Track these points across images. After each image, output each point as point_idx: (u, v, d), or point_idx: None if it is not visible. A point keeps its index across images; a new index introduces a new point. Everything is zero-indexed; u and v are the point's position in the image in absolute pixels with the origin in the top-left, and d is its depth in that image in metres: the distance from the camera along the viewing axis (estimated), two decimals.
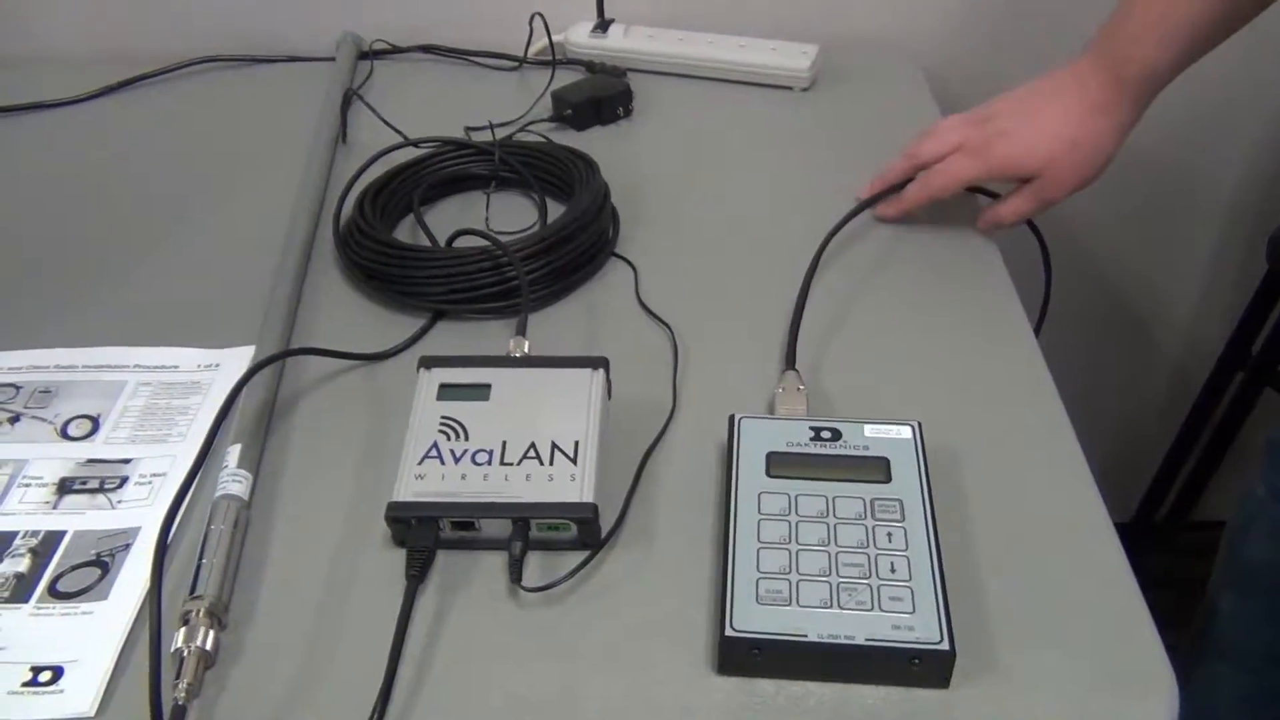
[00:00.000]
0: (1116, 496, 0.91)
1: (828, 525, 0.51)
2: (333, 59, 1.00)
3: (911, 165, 0.75)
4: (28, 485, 0.59)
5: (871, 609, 0.47)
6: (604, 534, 0.54)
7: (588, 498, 0.54)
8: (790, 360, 0.64)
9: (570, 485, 0.54)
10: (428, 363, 0.61)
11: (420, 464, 0.55)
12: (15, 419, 0.63)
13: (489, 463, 0.55)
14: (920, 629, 0.46)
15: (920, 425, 0.56)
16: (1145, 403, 1.37)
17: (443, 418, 0.58)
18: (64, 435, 0.62)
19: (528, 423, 0.57)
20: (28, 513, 0.57)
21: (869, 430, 0.56)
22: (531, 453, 0.56)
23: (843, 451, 0.55)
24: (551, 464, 0.55)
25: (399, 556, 0.53)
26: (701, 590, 0.52)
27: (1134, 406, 1.37)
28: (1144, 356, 1.33)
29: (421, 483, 0.54)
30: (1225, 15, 0.67)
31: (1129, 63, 0.69)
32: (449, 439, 0.57)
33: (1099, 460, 0.59)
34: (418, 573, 0.52)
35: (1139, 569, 0.53)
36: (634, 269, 0.73)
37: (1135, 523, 1.48)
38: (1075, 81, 0.71)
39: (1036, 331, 0.69)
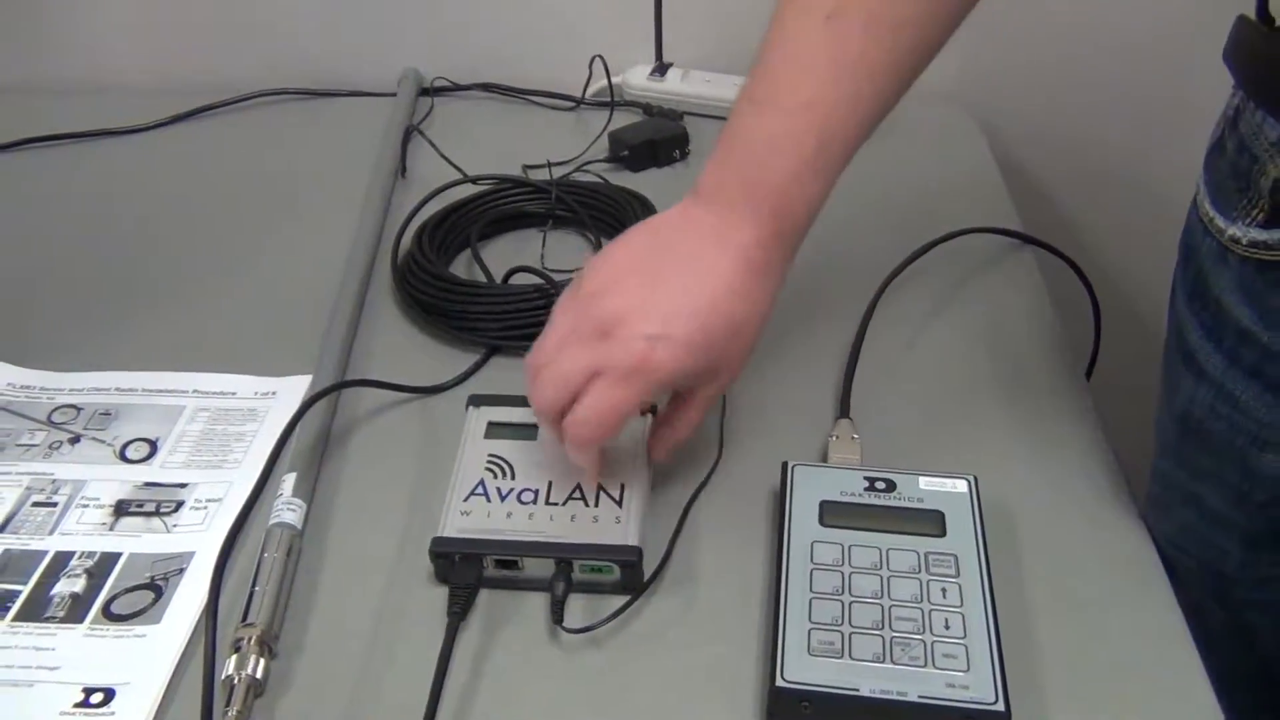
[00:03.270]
0: None
1: (881, 578, 0.50)
2: (394, 95, 1.02)
3: (552, 426, 0.54)
4: (85, 506, 0.60)
5: (925, 665, 0.47)
6: (647, 577, 0.54)
7: (632, 541, 0.53)
8: (844, 408, 0.63)
9: (615, 527, 0.54)
10: (477, 401, 0.62)
11: (466, 500, 0.56)
12: (75, 440, 0.64)
13: (534, 502, 0.55)
14: (975, 688, 0.46)
15: (976, 480, 0.55)
16: None
17: (490, 456, 0.58)
18: (122, 458, 0.63)
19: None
20: (85, 533, 0.58)
21: (924, 483, 0.55)
22: (577, 494, 0.56)
23: (897, 503, 0.54)
24: (597, 505, 0.55)
25: (444, 592, 0.53)
26: (747, 638, 0.52)
27: None
28: None
29: (466, 519, 0.55)
30: (875, 119, 0.55)
31: (791, 206, 0.54)
32: (495, 477, 0.57)
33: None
34: (460, 610, 0.52)
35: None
36: None
37: None
38: (718, 238, 0.54)
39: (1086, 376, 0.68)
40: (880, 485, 0.55)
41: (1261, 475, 0.53)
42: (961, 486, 0.55)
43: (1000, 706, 0.45)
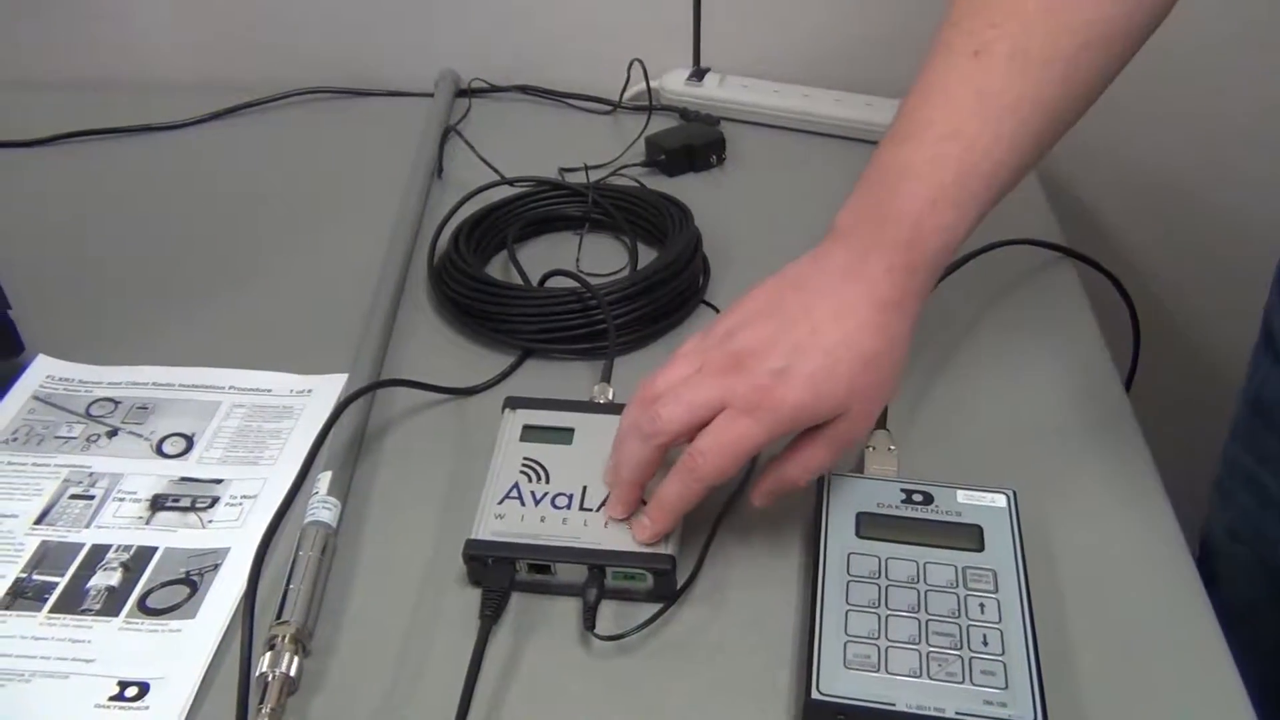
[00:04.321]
0: None
1: (918, 591, 0.50)
2: (432, 95, 1.02)
3: (656, 449, 0.52)
4: (122, 500, 0.60)
5: (963, 682, 0.46)
6: (680, 585, 0.54)
7: (666, 549, 0.53)
8: (882, 419, 0.63)
9: None
10: (513, 403, 0.61)
11: (500, 504, 0.55)
12: (113, 433, 0.65)
13: (568, 507, 0.55)
14: (1014, 706, 0.45)
15: (1015, 494, 0.55)
16: None
17: (525, 459, 0.58)
18: (159, 452, 0.63)
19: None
20: (121, 527, 0.58)
21: (962, 496, 0.55)
22: None
23: (935, 517, 0.54)
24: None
25: (477, 595, 0.53)
26: (780, 649, 0.51)
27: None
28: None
29: (500, 522, 0.55)
30: (1031, 153, 0.54)
31: (923, 238, 0.52)
32: (530, 480, 0.57)
33: (1193, 532, 0.58)
34: (492, 613, 0.52)
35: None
36: None
37: None
38: (850, 273, 0.53)
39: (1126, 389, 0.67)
40: (918, 498, 0.55)
41: None
42: (1000, 501, 0.54)
43: None
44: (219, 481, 0.61)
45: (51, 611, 0.54)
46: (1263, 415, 0.56)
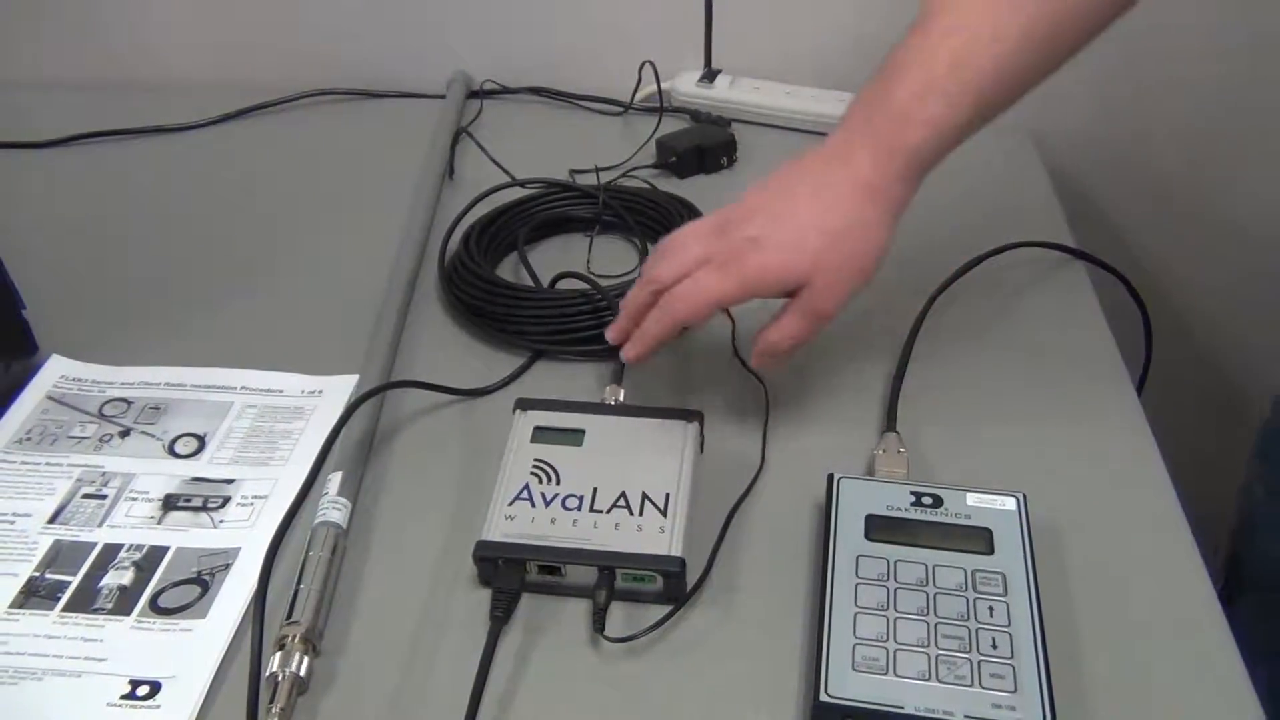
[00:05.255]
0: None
1: (927, 594, 0.50)
2: (443, 97, 1.03)
3: (651, 292, 0.60)
4: (134, 499, 0.60)
5: (971, 685, 0.46)
6: (689, 588, 0.54)
7: (676, 551, 0.53)
8: (891, 421, 0.63)
9: (659, 537, 0.54)
10: (524, 405, 0.62)
11: (510, 505, 0.56)
12: (126, 433, 0.65)
13: (579, 508, 0.55)
14: (1023, 710, 0.45)
15: (1025, 498, 0.55)
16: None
17: (535, 460, 0.58)
18: (171, 452, 0.64)
19: (619, 471, 0.57)
20: (133, 526, 0.59)
21: (971, 499, 0.54)
22: (621, 501, 0.56)
23: (944, 520, 0.54)
24: (641, 514, 0.55)
25: (486, 595, 0.54)
26: (789, 652, 0.51)
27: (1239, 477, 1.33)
28: (1248, 426, 1.29)
29: (510, 523, 0.55)
30: (1034, 62, 0.56)
31: (908, 127, 0.55)
32: (540, 482, 0.57)
33: (1204, 534, 0.58)
34: (502, 614, 0.52)
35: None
36: (731, 319, 0.73)
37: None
38: (837, 158, 0.58)
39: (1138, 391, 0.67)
40: (927, 500, 0.55)
41: None
42: (1010, 504, 0.54)
43: None
44: (230, 482, 0.62)
45: (64, 610, 0.54)
46: None
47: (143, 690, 0.50)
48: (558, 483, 0.57)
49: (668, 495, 0.56)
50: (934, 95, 0.55)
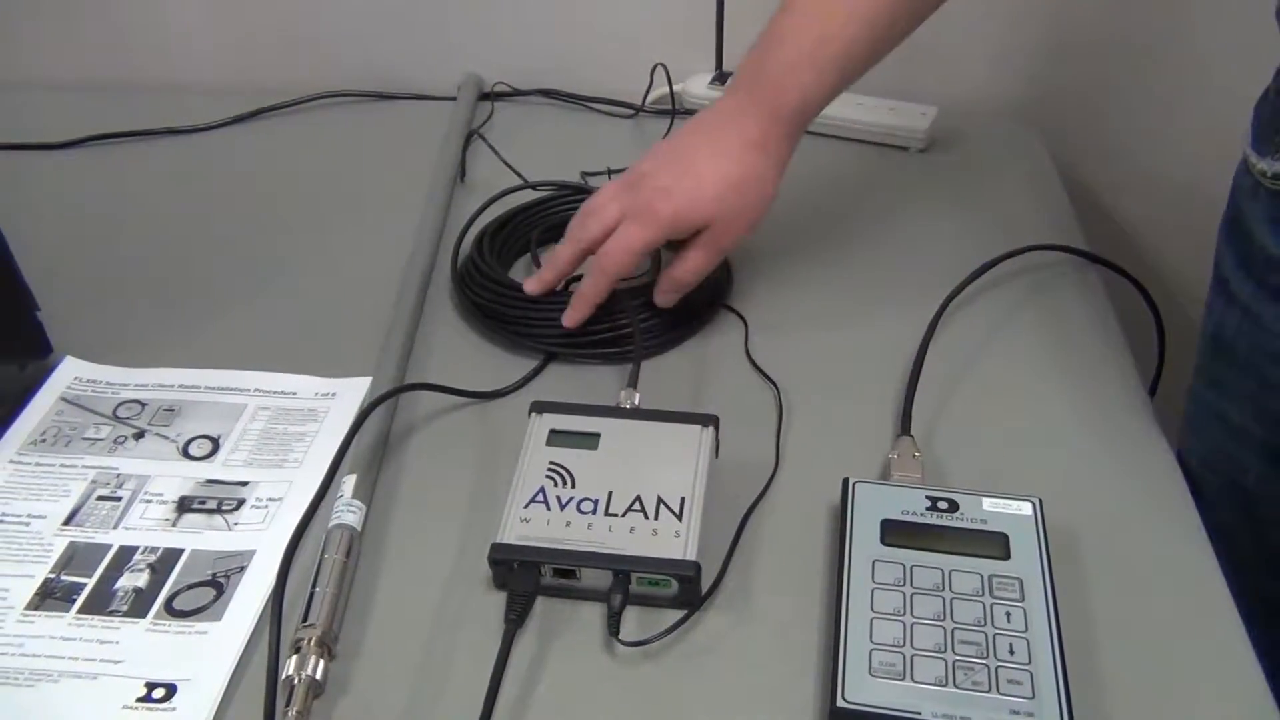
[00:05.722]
0: None
1: (944, 600, 0.50)
2: (455, 99, 1.03)
3: (579, 250, 0.69)
4: (149, 501, 0.61)
5: (989, 691, 0.46)
6: (704, 592, 0.54)
7: (691, 556, 0.53)
8: (905, 425, 0.63)
9: (674, 542, 0.54)
10: (539, 408, 0.62)
11: (526, 508, 0.56)
12: (140, 435, 0.65)
13: (594, 512, 0.55)
14: (1041, 715, 0.45)
15: (1041, 502, 0.54)
16: None
17: (551, 464, 0.58)
18: (185, 454, 0.64)
19: (635, 475, 0.57)
20: (148, 529, 0.59)
21: (987, 504, 0.54)
22: (637, 505, 0.56)
23: (960, 524, 0.53)
24: (656, 519, 0.55)
25: (501, 598, 0.54)
26: (804, 657, 0.51)
27: None
28: None
29: (526, 526, 0.55)
30: (879, 38, 0.67)
31: (785, 93, 0.67)
32: (556, 485, 0.57)
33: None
34: (517, 617, 0.52)
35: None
36: (745, 322, 0.73)
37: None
38: (728, 120, 0.69)
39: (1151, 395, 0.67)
40: (943, 505, 0.54)
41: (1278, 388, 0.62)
42: (1026, 509, 0.54)
43: None
44: (245, 484, 0.62)
45: (80, 612, 0.54)
46: (1223, 351, 0.66)
47: (159, 693, 0.50)
48: (573, 486, 0.57)
49: (683, 499, 0.56)
50: (804, 67, 0.67)
